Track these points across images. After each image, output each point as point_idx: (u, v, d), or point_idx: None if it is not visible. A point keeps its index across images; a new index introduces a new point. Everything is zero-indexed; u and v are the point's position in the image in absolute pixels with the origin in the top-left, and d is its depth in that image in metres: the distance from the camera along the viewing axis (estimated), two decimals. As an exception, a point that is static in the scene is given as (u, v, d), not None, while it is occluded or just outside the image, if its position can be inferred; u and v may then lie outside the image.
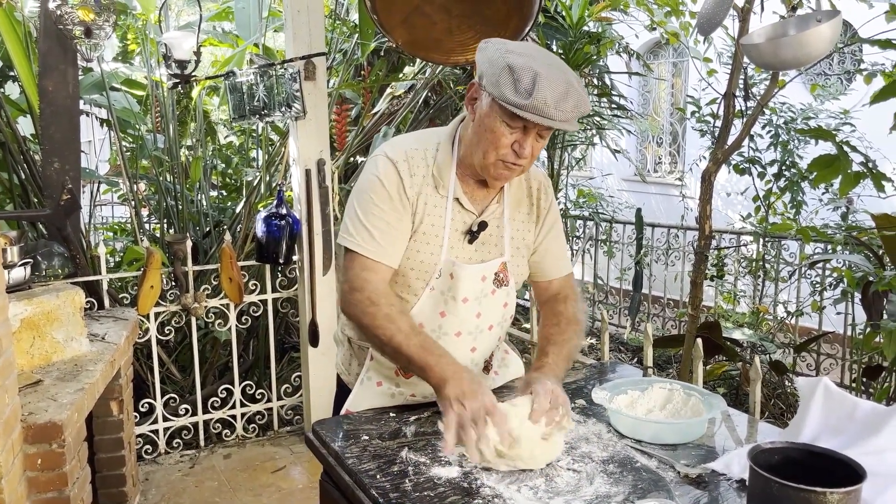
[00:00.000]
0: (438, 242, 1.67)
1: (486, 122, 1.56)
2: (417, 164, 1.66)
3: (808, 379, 1.58)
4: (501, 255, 1.74)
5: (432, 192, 1.66)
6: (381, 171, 1.65)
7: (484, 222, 1.69)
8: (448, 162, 1.67)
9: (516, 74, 1.47)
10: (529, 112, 1.47)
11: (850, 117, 4.71)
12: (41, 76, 3.27)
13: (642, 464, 1.47)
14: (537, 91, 1.45)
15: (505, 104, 1.49)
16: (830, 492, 1.08)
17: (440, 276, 1.68)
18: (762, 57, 2.10)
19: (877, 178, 2.47)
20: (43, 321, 2.62)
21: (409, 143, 1.70)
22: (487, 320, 1.76)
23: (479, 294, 1.71)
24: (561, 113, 1.48)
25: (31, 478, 2.20)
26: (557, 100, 1.47)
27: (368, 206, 1.64)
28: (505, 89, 1.48)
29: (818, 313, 4.47)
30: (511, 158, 1.57)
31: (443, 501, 1.32)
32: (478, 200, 1.71)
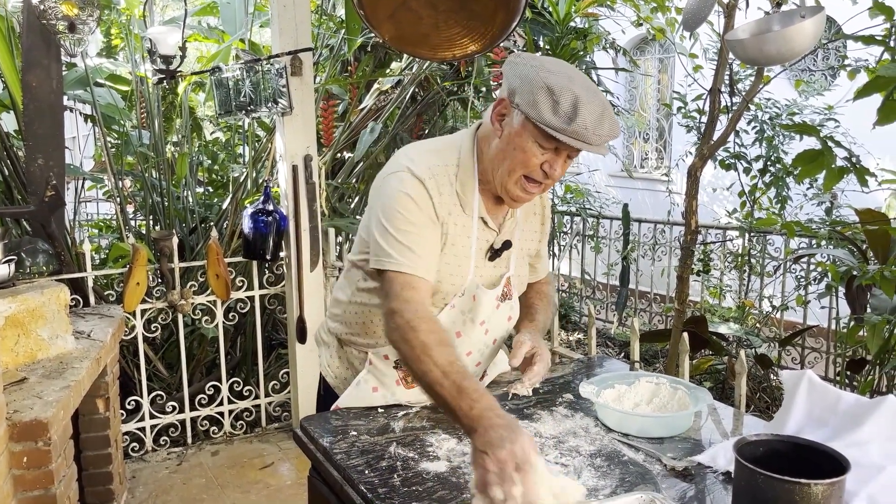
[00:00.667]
0: (467, 264, 1.64)
1: (516, 141, 1.52)
2: (443, 183, 1.60)
3: (793, 372, 1.60)
4: (507, 269, 1.73)
5: (459, 211, 1.62)
6: (409, 189, 1.57)
7: (508, 241, 1.68)
8: (471, 179, 1.62)
9: (556, 96, 1.44)
10: (569, 136, 1.45)
11: (834, 113, 4.75)
12: (24, 72, 3.23)
13: (629, 457, 1.48)
14: (579, 116, 1.43)
15: (544, 126, 1.46)
16: (815, 483, 1.10)
17: (463, 295, 1.66)
18: (746, 52, 2.11)
19: (860, 173, 2.50)
20: (28, 319, 2.60)
21: (431, 160, 1.63)
22: (493, 335, 1.76)
23: (491, 313, 1.71)
24: (598, 137, 1.46)
25: (17, 476, 2.18)
26: (596, 124, 1.45)
27: (401, 224, 1.55)
28: (543, 111, 1.45)
29: (803, 307, 4.51)
30: (539, 178, 1.54)
31: (431, 496, 1.33)
32: (497, 216, 1.69)
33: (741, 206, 5.00)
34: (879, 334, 2.58)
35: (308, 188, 3.50)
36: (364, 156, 4.20)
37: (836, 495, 1.12)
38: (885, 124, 2.15)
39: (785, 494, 1.11)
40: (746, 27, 2.24)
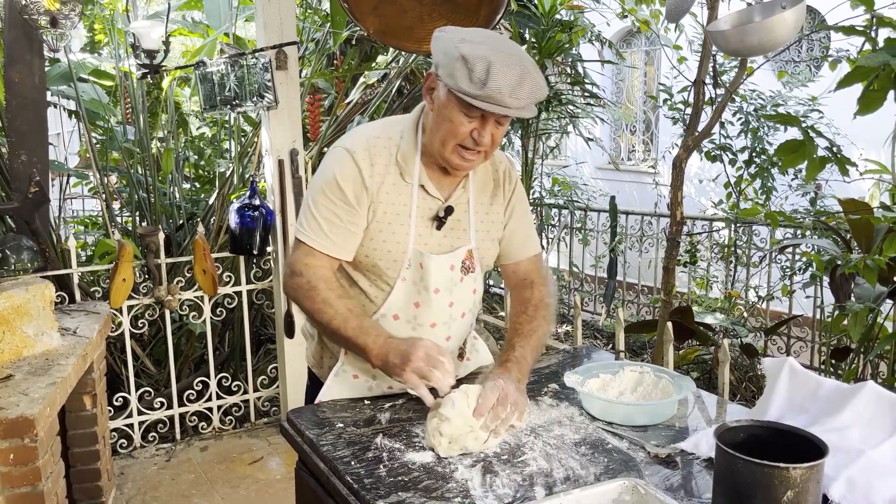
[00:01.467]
0: (405, 230, 1.67)
1: (443, 112, 1.57)
2: (379, 153, 1.66)
3: (774, 359, 1.62)
4: (468, 242, 1.74)
5: (397, 179, 1.66)
6: (336, 164, 1.65)
7: (450, 207, 1.70)
8: (412, 149, 1.67)
9: (470, 64, 1.47)
10: (484, 101, 1.48)
11: (818, 104, 4.78)
12: (6, 67, 3.21)
13: (613, 445, 1.49)
14: (491, 80, 1.46)
15: (460, 94, 1.50)
16: (794, 467, 1.11)
17: (410, 265, 1.68)
18: (728, 43, 2.13)
19: (841, 163, 2.52)
20: (12, 315, 2.58)
21: (372, 132, 1.71)
22: (460, 308, 1.77)
23: (450, 283, 1.72)
24: (516, 100, 1.49)
25: (4, 473, 2.18)
26: (513, 87, 1.47)
27: (319, 198, 1.65)
28: (460, 80, 1.49)
29: (788, 297, 4.55)
30: (470, 145, 1.58)
31: (417, 486, 1.34)
32: (444, 187, 1.71)
33: (727, 198, 5.03)
34: (861, 322, 2.60)
35: (294, 182, 3.50)
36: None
37: (815, 479, 1.14)
38: (865, 114, 2.17)
39: (764, 479, 1.12)
40: (728, 18, 2.26)
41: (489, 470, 1.39)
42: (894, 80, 1.99)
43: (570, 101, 4.48)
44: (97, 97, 4.61)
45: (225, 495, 3.17)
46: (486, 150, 1.61)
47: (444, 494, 1.31)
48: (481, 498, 1.29)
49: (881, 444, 1.36)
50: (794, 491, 1.12)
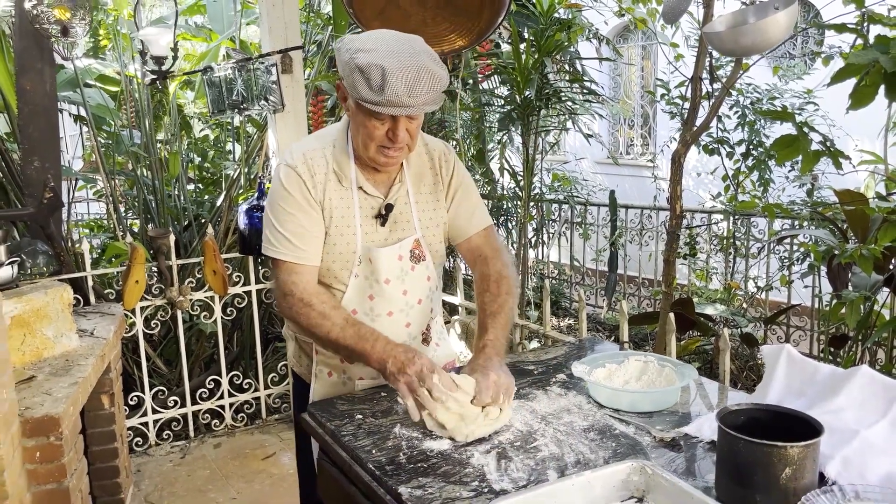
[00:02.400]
0: (352, 231, 1.77)
1: (357, 119, 1.68)
2: (317, 164, 1.76)
3: (772, 347, 1.69)
4: (413, 232, 1.84)
5: (336, 186, 1.76)
6: (284, 180, 1.75)
7: (390, 204, 1.80)
8: (345, 155, 1.77)
9: (366, 74, 1.56)
10: (386, 106, 1.58)
11: (813, 97, 4.85)
12: (18, 76, 3.28)
13: (620, 430, 1.57)
14: (388, 86, 1.55)
15: (363, 103, 1.60)
16: (791, 445, 1.19)
17: (360, 262, 1.78)
18: (724, 44, 2.20)
19: (834, 156, 2.60)
20: (33, 318, 2.66)
21: (307, 145, 1.80)
22: (415, 295, 1.86)
23: (400, 273, 1.81)
24: (415, 99, 1.58)
25: (31, 470, 2.25)
26: (409, 88, 1.56)
27: (280, 215, 1.74)
28: (360, 89, 1.59)
29: (787, 287, 4.63)
30: (388, 144, 1.68)
31: (436, 472, 1.41)
32: (381, 184, 1.81)
33: (725, 190, 5.11)
34: (857, 310, 2.68)
35: (301, 183, 3.56)
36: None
37: (812, 457, 1.22)
38: (857, 108, 2.24)
39: (764, 457, 1.20)
40: (723, 19, 2.33)
41: (504, 456, 1.47)
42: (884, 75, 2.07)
43: (569, 98, 4.55)
44: (103, 102, 4.67)
45: (240, 489, 3.25)
46: (407, 145, 1.70)
47: (462, 479, 1.38)
48: (497, 482, 1.37)
49: (875, 424, 1.44)
50: (791, 468, 1.19)
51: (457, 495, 1.33)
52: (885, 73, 2.05)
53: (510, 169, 5.34)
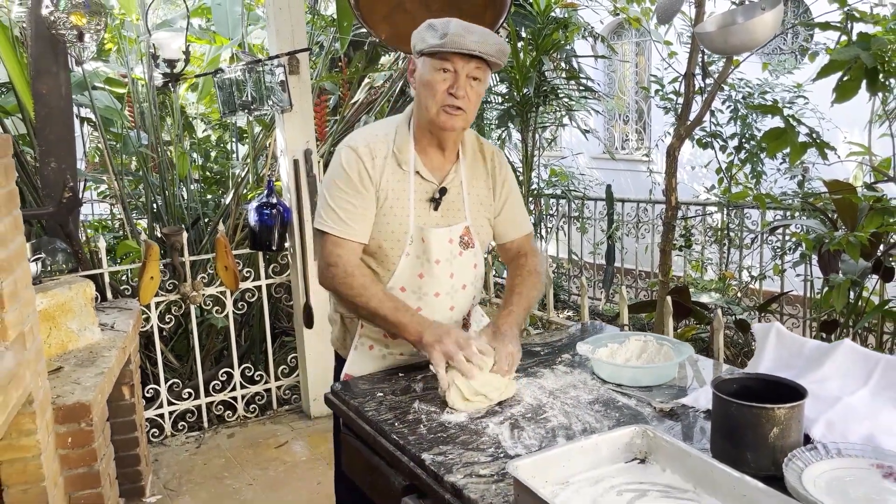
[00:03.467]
0: (405, 213, 1.90)
1: (422, 79, 1.83)
2: (378, 148, 1.90)
3: (763, 325, 1.83)
4: (464, 219, 1.97)
5: (395, 169, 1.90)
6: (344, 160, 1.88)
7: (444, 188, 1.93)
8: (406, 141, 1.91)
9: (433, 26, 1.80)
10: (448, 47, 1.75)
11: (803, 91, 4.99)
12: (34, 79, 3.39)
13: (623, 402, 1.70)
14: (450, 29, 1.75)
15: (429, 49, 1.77)
16: (777, 407, 1.32)
17: (412, 241, 1.91)
18: (714, 43, 2.33)
19: (821, 147, 2.72)
20: (58, 312, 2.78)
21: (371, 131, 1.95)
22: (461, 280, 1.99)
23: (450, 256, 1.95)
24: (476, 43, 1.76)
25: (63, 455, 2.38)
26: (469, 30, 1.76)
27: (334, 192, 1.88)
28: (427, 39, 1.79)
29: (780, 276, 4.76)
30: (450, 101, 1.81)
31: (455, 441, 1.54)
32: (437, 171, 1.94)
33: (719, 183, 5.24)
34: (843, 293, 2.81)
35: (309, 181, 3.69)
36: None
37: (797, 418, 1.35)
38: (841, 102, 2.37)
39: (754, 419, 1.33)
40: (713, 20, 2.46)
41: (516, 426, 1.59)
42: (865, 70, 2.20)
43: (566, 95, 4.67)
44: (111, 104, 4.78)
45: (255, 476, 3.37)
46: (468, 108, 1.83)
47: (479, 446, 1.51)
48: (512, 448, 1.50)
49: (856, 391, 1.57)
50: (779, 428, 1.32)
51: (475, 460, 1.45)
52: (866, 69, 2.18)
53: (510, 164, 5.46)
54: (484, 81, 1.86)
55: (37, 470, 2.14)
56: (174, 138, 5.10)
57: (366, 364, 2.00)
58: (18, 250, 2.11)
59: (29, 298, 2.19)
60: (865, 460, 1.31)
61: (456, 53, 1.76)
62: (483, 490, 1.34)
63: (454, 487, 1.36)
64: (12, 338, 1.94)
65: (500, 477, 1.38)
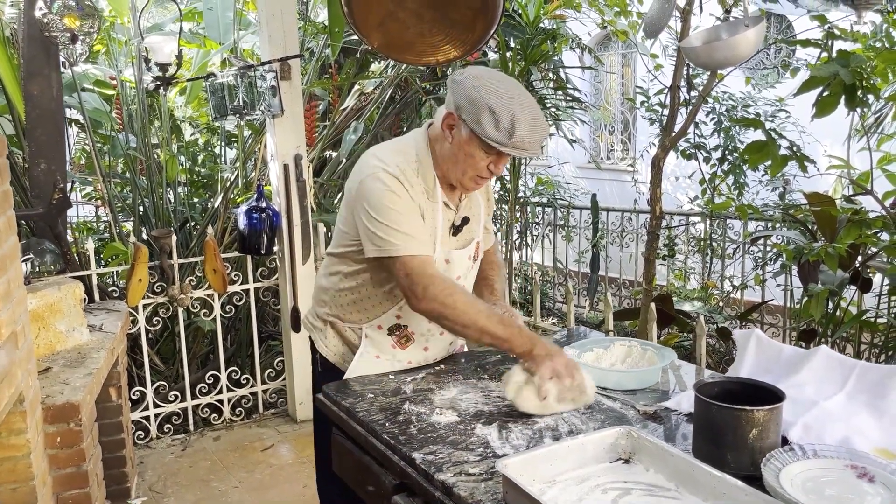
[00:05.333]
0: (433, 241, 1.92)
1: (465, 149, 1.83)
2: (411, 177, 1.89)
3: (743, 331, 1.88)
4: (477, 235, 2.07)
5: (425, 200, 1.91)
6: (390, 185, 1.84)
7: (467, 217, 2.01)
8: (432, 173, 1.92)
9: (497, 116, 1.73)
10: (510, 148, 1.77)
11: (784, 105, 5.09)
12: (26, 81, 3.39)
13: (608, 405, 1.74)
14: (516, 131, 1.74)
15: (488, 140, 1.76)
16: (756, 409, 1.37)
17: (436, 262, 1.93)
18: (699, 58, 2.40)
19: (801, 160, 2.80)
20: (47, 313, 2.78)
21: (397, 159, 1.89)
22: (469, 287, 2.09)
23: (467, 271, 2.05)
24: (533, 145, 1.79)
25: (52, 455, 2.38)
26: (531, 135, 1.76)
27: (393, 216, 1.81)
28: (487, 128, 1.75)
29: (761, 286, 4.85)
30: (486, 175, 1.88)
31: (444, 440, 1.58)
32: (453, 199, 2.00)
33: (702, 193, 5.33)
34: (821, 302, 2.88)
35: (299, 185, 3.72)
36: (348, 154, 4.42)
37: (775, 420, 1.40)
38: (821, 116, 2.44)
39: (734, 420, 1.38)
40: (699, 35, 2.53)
41: (504, 427, 1.64)
42: (844, 87, 2.27)
43: (553, 105, 4.74)
44: (100, 106, 4.78)
45: (241, 479, 3.39)
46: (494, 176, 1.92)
47: (468, 446, 1.55)
48: (500, 448, 1.54)
49: (832, 396, 1.62)
50: (758, 429, 1.37)
51: (465, 459, 1.49)
52: (844, 85, 2.25)
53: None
54: None
55: (26, 469, 2.14)
56: (162, 141, 5.10)
57: (368, 372, 2.00)
58: (12, 250, 2.13)
59: (21, 298, 2.20)
60: (840, 461, 1.36)
61: None
62: (472, 488, 1.38)
63: (444, 485, 1.40)
64: (5, 337, 1.95)
65: (488, 475, 1.42)
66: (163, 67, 3.43)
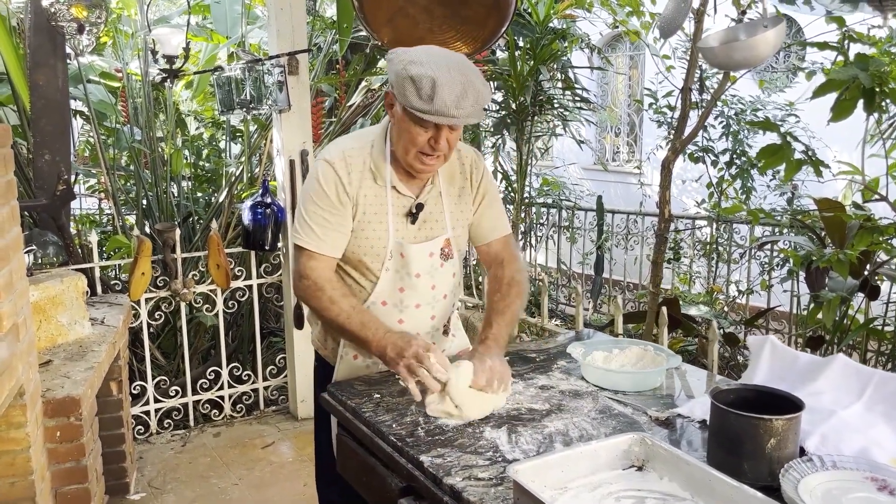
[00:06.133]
0: (384, 227, 1.90)
1: (401, 126, 1.81)
2: (355, 161, 1.88)
3: (758, 337, 1.85)
4: (444, 231, 1.97)
5: (371, 184, 1.89)
6: (320, 174, 1.87)
7: (420, 204, 1.93)
8: (382, 156, 1.90)
9: (417, 83, 1.70)
10: (433, 115, 1.71)
11: (794, 109, 5.05)
12: (32, 71, 3.36)
13: (619, 410, 1.71)
14: (437, 96, 1.69)
15: (412, 110, 1.73)
16: (776, 418, 1.33)
17: (391, 257, 1.92)
18: (716, 58, 2.36)
19: (816, 165, 2.77)
20: (49, 305, 2.76)
21: (348, 144, 1.92)
22: (441, 290, 2.00)
23: (430, 268, 1.95)
24: (461, 111, 1.72)
25: (51, 449, 2.35)
26: (457, 100, 1.70)
27: (310, 207, 1.87)
28: (410, 98, 1.71)
29: (767, 292, 4.81)
30: (428, 151, 1.81)
31: (453, 444, 1.55)
32: (413, 185, 1.94)
33: (709, 197, 5.29)
34: (834, 310, 2.85)
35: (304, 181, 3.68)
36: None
37: (794, 430, 1.36)
38: (837, 121, 2.41)
39: (751, 429, 1.34)
40: (716, 36, 2.49)
41: (513, 431, 1.60)
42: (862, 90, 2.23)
43: (561, 105, 4.71)
44: (106, 98, 4.75)
45: (241, 476, 3.35)
46: (443, 154, 1.84)
47: (477, 450, 1.52)
48: (509, 452, 1.50)
49: (850, 406, 1.59)
50: (776, 439, 1.34)
51: (474, 463, 1.46)
52: (863, 89, 2.22)
53: (503, 172, 5.49)
54: (461, 129, 1.86)
55: (25, 463, 2.12)
56: (167, 135, 5.08)
57: (352, 375, 2.00)
58: (15, 241, 2.10)
59: (23, 290, 2.17)
60: (860, 473, 1.33)
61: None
62: (482, 493, 1.35)
63: (453, 490, 1.37)
64: (6, 329, 1.92)
65: (498, 480, 1.39)
66: (170, 60, 3.39)
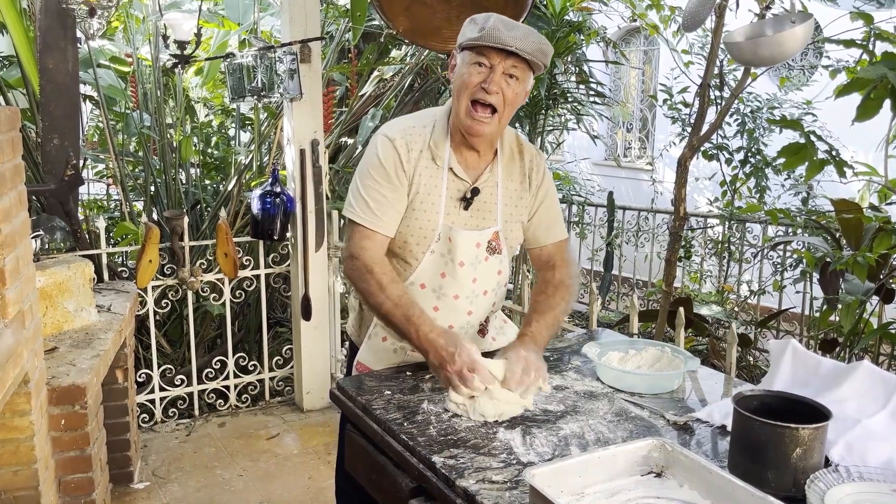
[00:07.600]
0: (435, 209, 1.86)
1: (459, 73, 1.80)
2: (415, 140, 1.85)
3: (779, 341, 1.80)
4: (494, 223, 1.91)
5: (429, 163, 1.85)
6: (379, 150, 1.84)
7: (476, 188, 1.88)
8: (443, 135, 1.86)
9: (475, 20, 1.76)
10: (485, 40, 1.71)
11: (812, 107, 4.98)
12: (41, 54, 3.32)
13: (636, 414, 1.67)
14: (489, 23, 1.72)
15: (467, 42, 1.74)
16: (802, 427, 1.29)
17: (439, 239, 1.87)
18: (742, 54, 2.31)
19: (839, 165, 2.71)
20: (55, 292, 2.73)
21: (408, 122, 1.91)
22: (482, 286, 1.94)
23: (475, 260, 1.89)
24: (514, 38, 1.70)
25: (55, 437, 2.33)
26: (508, 26, 1.72)
27: (367, 181, 1.84)
28: (467, 33, 1.76)
29: (779, 292, 4.75)
30: (481, 96, 1.75)
31: (466, 444, 1.50)
32: (471, 169, 1.89)
33: (722, 196, 5.23)
34: (852, 313, 2.80)
35: (315, 171, 3.64)
36: (365, 142, 4.35)
37: (820, 439, 1.32)
38: (863, 121, 2.35)
39: (776, 437, 1.30)
40: (741, 31, 2.43)
41: (528, 432, 1.56)
42: (890, 90, 2.18)
43: (575, 99, 4.65)
44: (115, 83, 4.71)
45: (246, 467, 3.33)
46: (498, 110, 1.77)
47: (490, 451, 1.48)
48: (524, 455, 1.46)
49: (875, 414, 1.54)
50: (802, 448, 1.29)
51: (487, 465, 1.42)
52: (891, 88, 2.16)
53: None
54: (523, 82, 1.79)
55: (29, 451, 2.09)
56: (177, 121, 5.04)
57: (378, 355, 1.97)
58: (22, 226, 2.07)
59: (30, 276, 2.14)
60: (887, 485, 1.29)
61: (493, 48, 1.72)
62: (496, 497, 1.31)
63: (466, 493, 1.33)
64: (12, 315, 1.89)
65: (513, 484, 1.35)
66: (181, 45, 3.35)
